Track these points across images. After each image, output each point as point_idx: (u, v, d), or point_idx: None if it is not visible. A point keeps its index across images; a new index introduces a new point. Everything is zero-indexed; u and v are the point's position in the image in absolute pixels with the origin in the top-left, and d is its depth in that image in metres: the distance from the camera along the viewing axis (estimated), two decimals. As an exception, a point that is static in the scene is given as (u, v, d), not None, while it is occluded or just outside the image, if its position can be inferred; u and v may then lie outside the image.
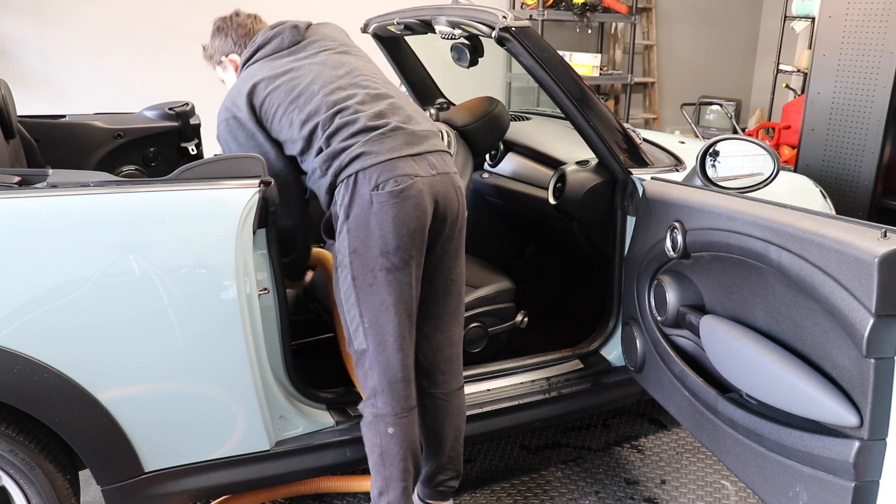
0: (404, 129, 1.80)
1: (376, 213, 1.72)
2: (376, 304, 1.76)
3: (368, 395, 1.84)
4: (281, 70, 1.88)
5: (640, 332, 2.20)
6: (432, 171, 1.80)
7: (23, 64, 4.44)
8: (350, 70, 1.91)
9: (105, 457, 1.74)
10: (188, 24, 4.76)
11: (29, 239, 1.59)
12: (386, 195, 1.71)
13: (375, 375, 1.81)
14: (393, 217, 1.72)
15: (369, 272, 1.75)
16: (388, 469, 1.85)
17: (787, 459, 1.60)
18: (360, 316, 1.78)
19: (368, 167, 1.73)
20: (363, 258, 1.74)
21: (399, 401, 1.82)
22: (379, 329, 1.77)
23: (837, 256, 1.42)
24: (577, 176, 2.39)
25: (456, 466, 2.06)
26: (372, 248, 1.73)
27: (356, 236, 1.74)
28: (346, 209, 1.75)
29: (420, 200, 1.75)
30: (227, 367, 1.80)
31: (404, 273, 1.76)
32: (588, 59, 6.02)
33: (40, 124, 2.63)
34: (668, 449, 2.66)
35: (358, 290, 1.76)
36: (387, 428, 1.82)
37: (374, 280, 1.75)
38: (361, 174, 1.73)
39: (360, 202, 1.73)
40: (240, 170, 1.78)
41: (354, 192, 1.73)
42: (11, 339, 1.59)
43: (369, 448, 1.87)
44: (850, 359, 1.44)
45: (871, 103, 3.64)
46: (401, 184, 1.73)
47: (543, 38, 2.19)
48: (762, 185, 2.13)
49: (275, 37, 1.94)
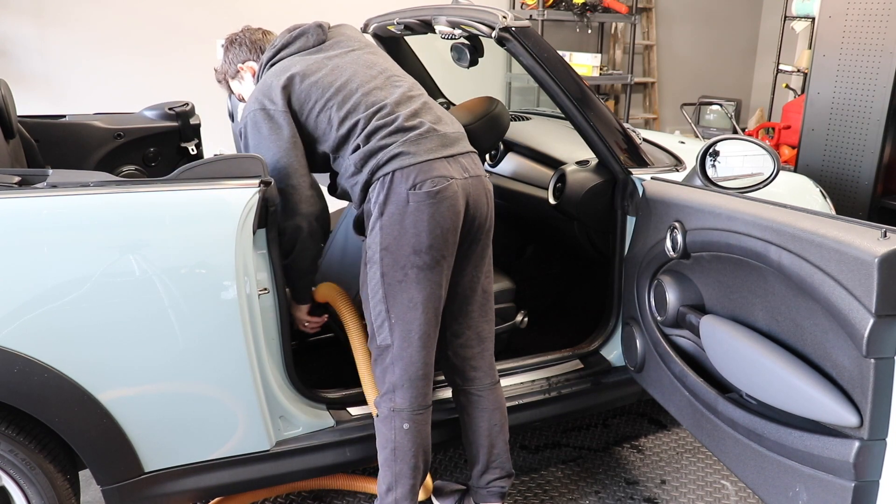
0: (438, 130, 1.84)
1: (412, 212, 1.75)
2: (405, 301, 1.79)
3: (386, 391, 1.86)
4: (315, 65, 1.89)
5: (640, 332, 2.20)
6: (465, 174, 1.84)
7: (23, 64, 4.44)
8: (382, 70, 1.94)
9: (105, 457, 1.74)
10: (188, 24, 4.77)
11: (29, 239, 1.59)
12: (423, 195, 1.75)
13: (397, 371, 1.83)
14: (429, 217, 1.75)
15: (400, 269, 1.77)
16: (399, 465, 1.86)
17: (787, 459, 1.60)
18: (386, 312, 1.81)
19: (406, 167, 1.76)
20: (395, 255, 1.77)
21: (417, 398, 1.85)
22: (405, 325, 1.80)
23: (837, 256, 1.42)
24: (577, 176, 2.39)
25: (503, 465, 2.07)
26: (404, 246, 1.76)
27: (389, 233, 1.77)
28: (381, 206, 1.77)
29: (455, 202, 1.79)
30: (227, 367, 1.80)
31: (435, 272, 1.79)
32: (588, 59, 6.02)
33: (40, 124, 2.63)
34: (668, 449, 2.66)
35: (387, 287, 1.79)
36: (402, 423, 1.85)
37: (405, 277, 1.77)
38: (399, 173, 1.76)
39: (397, 200, 1.76)
40: (240, 170, 1.78)
41: (391, 190, 1.76)
42: (11, 339, 1.59)
43: (382, 443, 1.88)
44: (850, 359, 1.44)
45: (871, 103, 3.64)
46: (437, 185, 1.76)
47: (543, 38, 2.19)
48: (762, 185, 2.13)
49: (300, 35, 1.95)
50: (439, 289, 1.82)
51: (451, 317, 1.97)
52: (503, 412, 2.06)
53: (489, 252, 1.99)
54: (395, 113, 1.82)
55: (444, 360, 2.02)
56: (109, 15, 4.60)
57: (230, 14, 4.83)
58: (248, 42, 2.06)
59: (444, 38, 2.33)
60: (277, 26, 2.21)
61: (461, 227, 1.84)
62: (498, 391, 2.06)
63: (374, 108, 1.83)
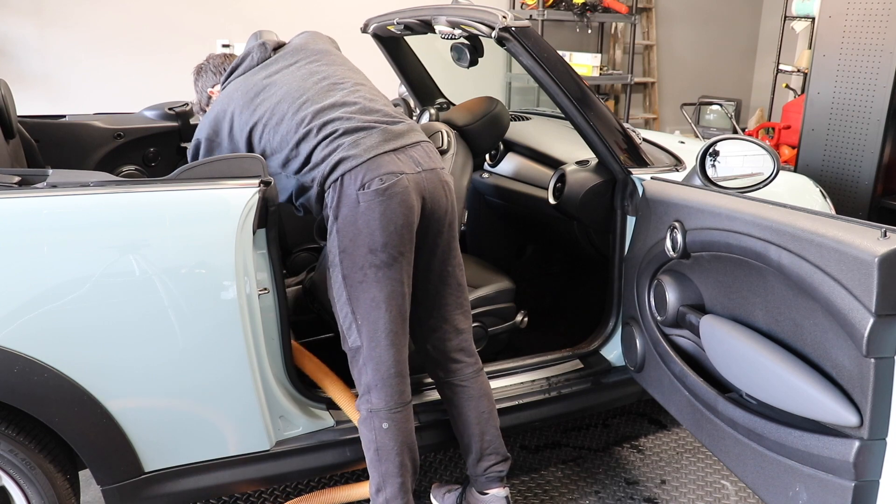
0: (378, 126, 1.84)
1: (364, 212, 1.75)
2: (367, 301, 1.79)
3: (363, 392, 1.86)
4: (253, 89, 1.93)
5: (640, 332, 2.20)
6: (417, 168, 1.84)
7: (23, 64, 4.44)
8: (322, 78, 1.94)
9: (105, 457, 1.74)
10: (188, 25, 4.77)
11: (29, 239, 1.59)
12: (372, 193, 1.75)
13: (369, 371, 1.83)
14: (380, 214, 1.75)
15: (359, 270, 1.78)
16: (384, 465, 1.86)
17: (787, 459, 1.60)
18: (352, 314, 1.81)
19: (353, 168, 1.76)
20: (352, 256, 1.78)
21: (393, 396, 1.84)
22: (371, 325, 1.80)
23: (837, 256, 1.42)
24: (577, 176, 2.39)
25: (498, 449, 2.07)
26: (360, 247, 1.77)
27: (345, 235, 1.77)
28: (335, 210, 1.78)
29: (406, 197, 1.78)
30: (227, 367, 1.80)
31: (393, 269, 1.79)
32: (588, 59, 6.02)
33: (40, 124, 2.63)
34: (668, 449, 2.66)
35: (349, 289, 1.80)
36: (381, 423, 1.84)
37: (364, 277, 1.78)
38: (347, 175, 1.76)
39: (348, 202, 1.77)
40: (240, 170, 1.79)
41: (342, 193, 1.77)
42: (11, 339, 1.59)
43: (365, 445, 1.89)
44: (850, 358, 1.44)
45: (871, 103, 3.64)
46: (386, 182, 1.76)
47: (543, 38, 2.19)
48: (762, 185, 2.13)
49: (245, 57, 2.01)
50: (401, 286, 1.81)
51: (425, 312, 1.98)
52: (490, 398, 2.06)
53: (456, 244, 1.99)
54: (332, 123, 1.82)
55: (425, 354, 2.03)
56: (109, 15, 4.60)
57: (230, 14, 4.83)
58: (211, 68, 2.16)
59: (444, 38, 2.33)
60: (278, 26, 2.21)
61: (418, 221, 1.83)
62: (482, 378, 2.06)
63: (306, 127, 1.83)
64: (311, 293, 2.41)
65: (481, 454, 2.05)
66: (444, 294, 1.98)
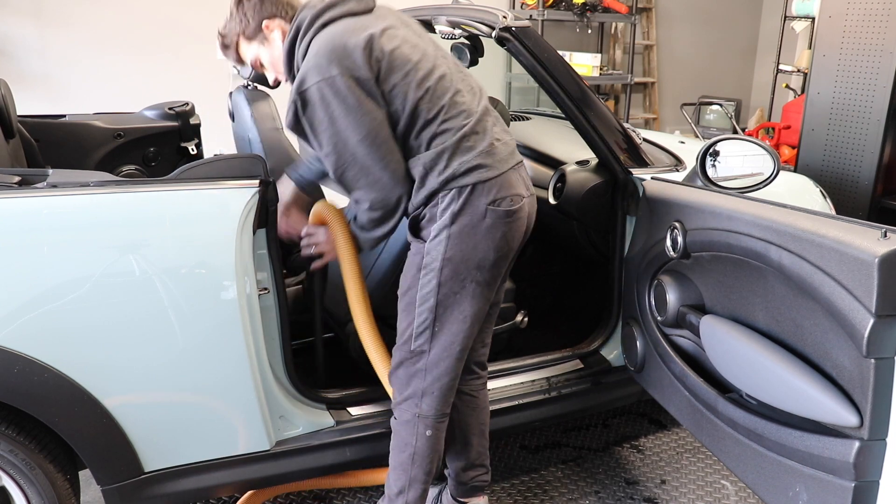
0: (502, 139, 1.76)
1: (488, 228, 1.69)
2: (455, 314, 1.74)
3: (411, 395, 1.81)
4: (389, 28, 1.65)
5: (640, 332, 2.20)
6: (528, 192, 1.80)
7: (23, 64, 4.44)
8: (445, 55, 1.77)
9: (105, 457, 1.74)
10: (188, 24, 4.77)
11: (29, 239, 1.59)
12: (503, 213, 1.70)
13: (429, 378, 1.79)
14: (502, 235, 1.71)
15: (459, 282, 1.71)
16: (415, 469, 1.85)
17: (787, 459, 1.60)
18: (432, 320, 1.74)
19: (487, 180, 1.68)
20: (457, 267, 1.70)
21: (445, 406, 1.83)
22: (450, 337, 1.76)
23: (837, 256, 1.41)
24: (577, 176, 2.39)
25: (485, 462, 2.08)
26: (470, 260, 1.70)
27: (457, 244, 1.69)
28: (455, 215, 1.68)
29: (525, 222, 1.77)
30: (227, 367, 1.80)
31: (490, 289, 1.77)
32: (588, 59, 6.02)
33: (40, 124, 2.64)
34: (668, 449, 2.66)
35: (440, 297, 1.72)
36: (426, 430, 1.82)
37: (462, 290, 1.72)
38: (480, 186, 1.68)
39: (473, 212, 1.68)
40: (240, 170, 1.79)
41: (469, 201, 1.68)
42: (11, 339, 1.59)
43: (400, 446, 1.85)
44: (850, 359, 1.44)
45: (871, 103, 3.64)
46: (515, 204, 1.72)
47: (543, 38, 2.19)
48: (762, 185, 2.13)
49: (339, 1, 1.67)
50: (488, 305, 1.79)
51: None
52: (489, 411, 2.07)
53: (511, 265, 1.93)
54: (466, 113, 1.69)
55: None
56: (109, 15, 4.60)
57: (230, 14, 4.82)
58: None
59: (445, 37, 2.33)
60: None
61: None
62: (486, 391, 2.07)
63: (443, 101, 1.66)
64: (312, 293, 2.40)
65: (472, 464, 2.05)
66: (491, 312, 1.96)
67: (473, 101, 1.75)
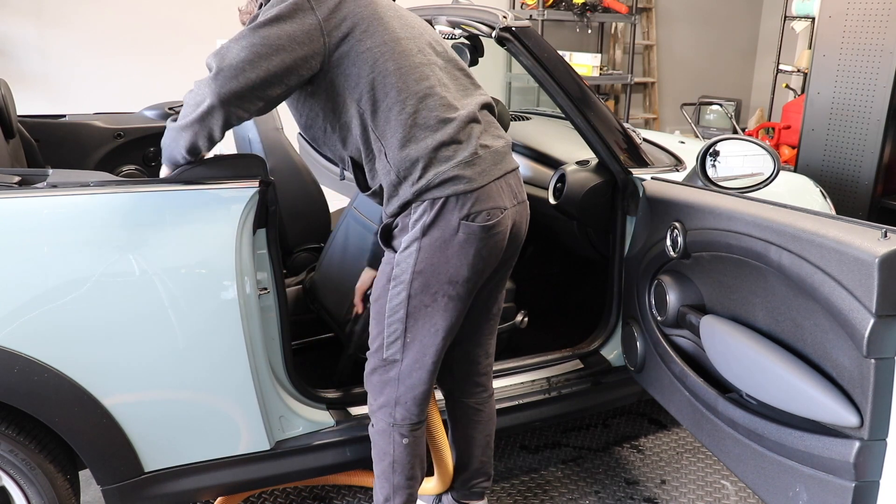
0: (491, 145, 1.68)
1: (460, 243, 1.62)
2: (427, 327, 1.69)
3: (385, 404, 1.79)
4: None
5: (640, 332, 2.20)
6: (514, 201, 1.72)
7: (23, 64, 4.44)
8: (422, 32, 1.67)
9: (105, 457, 1.74)
10: (188, 25, 4.77)
11: (29, 239, 1.59)
12: (476, 228, 1.62)
13: (402, 388, 1.76)
14: (475, 251, 1.63)
15: (430, 295, 1.66)
16: (396, 477, 1.85)
17: (787, 459, 1.60)
18: (403, 332, 1.70)
19: (462, 193, 1.60)
20: (427, 281, 1.65)
21: (419, 414, 1.81)
22: (421, 349, 1.72)
23: (837, 256, 1.41)
24: (577, 176, 2.38)
25: (488, 470, 2.09)
26: (441, 274, 1.64)
27: (427, 258, 1.63)
28: (426, 228, 1.62)
29: (504, 237, 1.69)
30: (226, 367, 1.80)
31: (464, 303, 1.71)
32: (588, 59, 6.02)
33: (40, 124, 2.63)
34: (668, 449, 2.66)
35: (410, 309, 1.68)
36: (402, 438, 1.81)
37: (433, 303, 1.67)
38: (454, 199, 1.60)
39: (445, 226, 1.61)
40: (240, 170, 1.78)
41: (441, 214, 1.61)
42: (11, 339, 1.59)
43: (379, 455, 1.85)
44: (850, 359, 1.44)
45: (871, 103, 3.64)
46: (492, 219, 1.63)
47: (543, 38, 2.19)
48: (762, 185, 2.13)
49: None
50: (461, 317, 1.74)
51: (464, 336, 1.89)
52: (495, 422, 2.06)
53: (508, 275, 1.91)
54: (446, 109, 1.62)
55: (448, 372, 1.97)
56: (109, 15, 4.60)
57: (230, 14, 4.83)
58: None
59: (445, 37, 2.33)
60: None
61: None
62: (493, 403, 2.05)
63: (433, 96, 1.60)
64: (312, 293, 2.41)
65: (475, 473, 2.07)
66: (486, 322, 1.93)
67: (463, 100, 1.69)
